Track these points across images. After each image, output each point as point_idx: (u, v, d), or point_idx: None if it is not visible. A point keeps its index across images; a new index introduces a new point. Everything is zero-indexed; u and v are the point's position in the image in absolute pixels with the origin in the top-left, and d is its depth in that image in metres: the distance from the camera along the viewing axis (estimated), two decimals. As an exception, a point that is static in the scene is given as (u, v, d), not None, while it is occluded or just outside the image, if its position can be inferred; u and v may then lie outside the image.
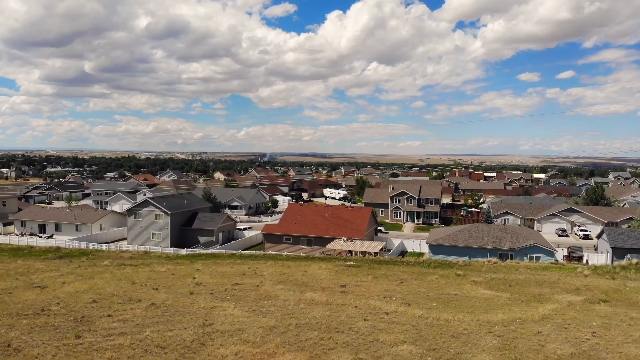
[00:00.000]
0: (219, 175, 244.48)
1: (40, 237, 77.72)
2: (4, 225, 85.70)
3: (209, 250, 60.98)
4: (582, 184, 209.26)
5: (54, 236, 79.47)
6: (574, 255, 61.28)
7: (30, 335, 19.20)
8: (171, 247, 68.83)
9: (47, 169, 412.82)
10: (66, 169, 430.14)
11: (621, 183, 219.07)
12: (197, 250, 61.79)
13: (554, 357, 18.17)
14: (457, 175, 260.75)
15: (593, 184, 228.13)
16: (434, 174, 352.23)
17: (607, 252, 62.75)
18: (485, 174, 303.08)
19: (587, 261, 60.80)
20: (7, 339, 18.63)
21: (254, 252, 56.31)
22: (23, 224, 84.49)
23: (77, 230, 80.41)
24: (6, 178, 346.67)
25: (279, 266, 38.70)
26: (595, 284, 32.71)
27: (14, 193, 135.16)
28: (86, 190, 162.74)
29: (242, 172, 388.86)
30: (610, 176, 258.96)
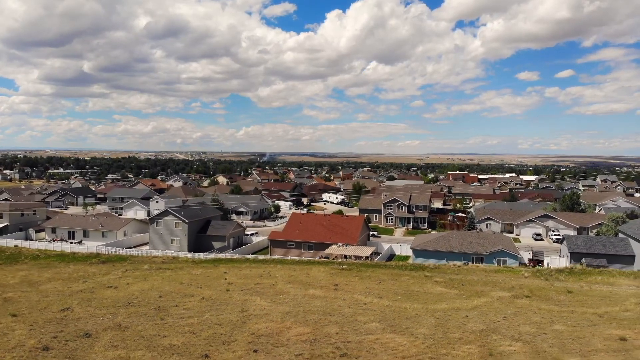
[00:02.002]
0: (222, 179, 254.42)
1: (72, 242, 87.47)
2: (36, 232, 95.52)
3: (223, 255, 70.87)
4: (569, 188, 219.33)
5: (82, 242, 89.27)
6: (536, 259, 71.24)
7: (130, 319, 29.35)
8: (189, 251, 78.55)
9: (50, 171, 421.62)
10: (68, 171, 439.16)
11: (607, 187, 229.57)
12: (213, 255, 71.71)
13: (469, 331, 28.35)
14: (450, 178, 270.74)
15: (580, 187, 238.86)
16: (431, 175, 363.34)
17: (567, 255, 72.82)
18: (479, 176, 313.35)
19: (547, 264, 70.79)
20: (116, 322, 28.80)
21: (265, 256, 66.25)
22: (53, 230, 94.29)
23: (103, 236, 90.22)
24: (10, 180, 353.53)
25: (287, 269, 48.81)
26: (528, 284, 42.89)
27: (32, 199, 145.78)
28: (98, 196, 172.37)
29: (241, 173, 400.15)
30: (598, 179, 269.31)
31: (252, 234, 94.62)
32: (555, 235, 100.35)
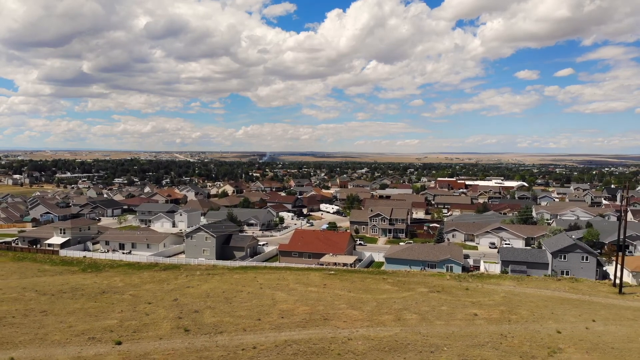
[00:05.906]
0: (229, 188, 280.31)
1: (123, 252, 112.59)
2: (92, 244, 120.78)
3: (245, 263, 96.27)
4: (543, 196, 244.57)
5: (131, 252, 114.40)
6: (475, 265, 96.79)
7: (213, 304, 54.89)
8: (217, 259, 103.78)
9: (58, 175, 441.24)
10: (75, 175, 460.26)
11: (576, 195, 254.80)
12: (237, 263, 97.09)
13: (393, 309, 53.89)
14: (437, 186, 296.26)
15: (555, 195, 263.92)
16: (425, 179, 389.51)
17: (500, 262, 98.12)
18: (467, 182, 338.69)
19: (485, 269, 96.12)
20: (207, 305, 54.40)
21: (278, 264, 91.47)
22: (107, 243, 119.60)
23: (147, 247, 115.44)
24: (21, 184, 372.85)
25: (294, 274, 74.29)
26: (444, 283, 68.38)
27: (70, 212, 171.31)
28: (124, 207, 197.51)
29: (242, 175, 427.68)
30: (571, 187, 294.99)
31: (263, 244, 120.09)
32: (506, 244, 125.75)
